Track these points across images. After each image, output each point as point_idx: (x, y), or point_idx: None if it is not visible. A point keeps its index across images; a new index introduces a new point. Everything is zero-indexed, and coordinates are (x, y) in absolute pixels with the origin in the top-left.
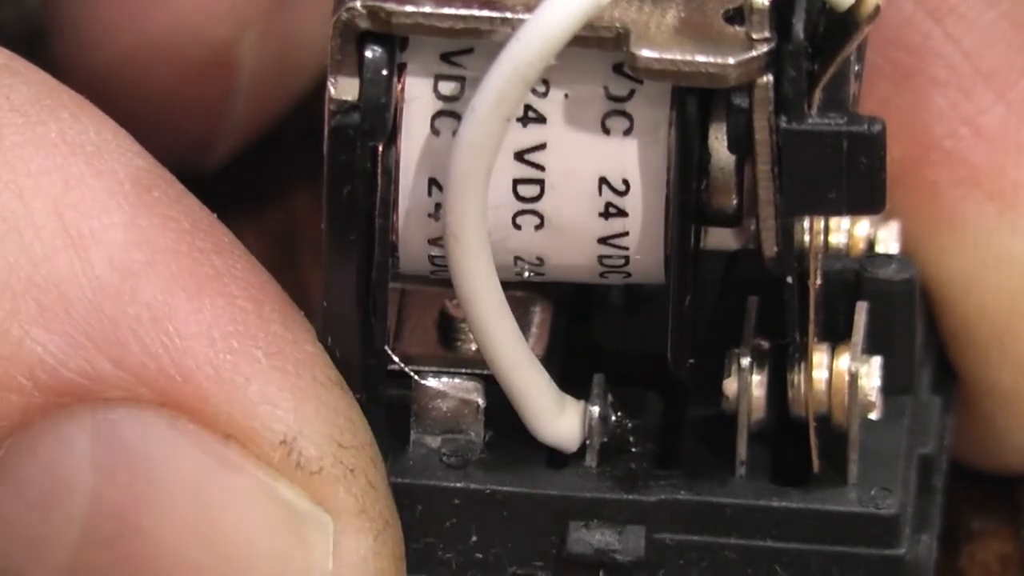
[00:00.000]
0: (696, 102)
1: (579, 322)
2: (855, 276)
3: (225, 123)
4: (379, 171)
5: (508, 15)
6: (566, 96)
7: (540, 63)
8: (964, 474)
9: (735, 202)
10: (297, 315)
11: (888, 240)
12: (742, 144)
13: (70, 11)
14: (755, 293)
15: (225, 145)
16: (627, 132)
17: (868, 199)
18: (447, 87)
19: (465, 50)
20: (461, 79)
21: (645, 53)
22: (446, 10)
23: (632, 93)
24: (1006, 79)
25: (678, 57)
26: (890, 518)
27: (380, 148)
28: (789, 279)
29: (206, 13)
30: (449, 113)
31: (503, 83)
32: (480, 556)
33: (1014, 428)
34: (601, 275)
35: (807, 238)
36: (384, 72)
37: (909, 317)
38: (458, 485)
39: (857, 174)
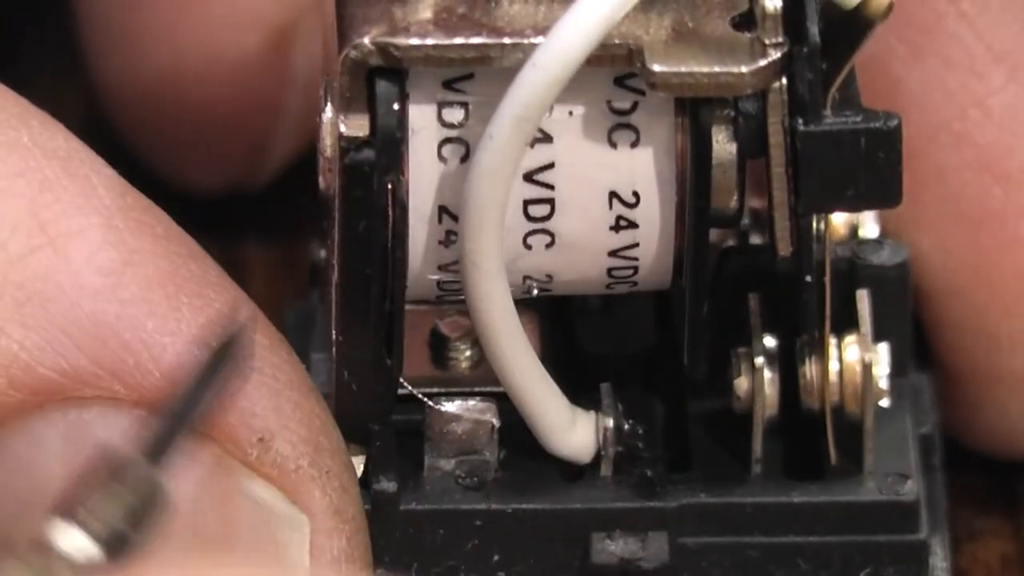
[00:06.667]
0: (709, 111)
1: (560, 328)
2: (848, 264)
3: (281, 122)
4: (391, 204)
5: (519, 40)
6: (570, 114)
7: (557, 86)
8: (964, 473)
9: (736, 203)
10: (268, 322)
11: (867, 222)
12: (753, 148)
13: (109, 24)
14: (747, 290)
15: (279, 151)
16: (634, 144)
17: (885, 193)
18: (451, 114)
19: (466, 76)
20: (465, 105)
21: (660, 68)
22: (457, 40)
23: (635, 105)
24: (1017, 60)
25: (695, 69)
26: (911, 504)
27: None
28: (808, 277)
29: None
30: (455, 140)
31: (520, 109)
32: (503, 575)
33: None
34: (608, 286)
35: (822, 227)
36: (396, 106)
37: (904, 301)
38: (479, 507)
39: (875, 169)
